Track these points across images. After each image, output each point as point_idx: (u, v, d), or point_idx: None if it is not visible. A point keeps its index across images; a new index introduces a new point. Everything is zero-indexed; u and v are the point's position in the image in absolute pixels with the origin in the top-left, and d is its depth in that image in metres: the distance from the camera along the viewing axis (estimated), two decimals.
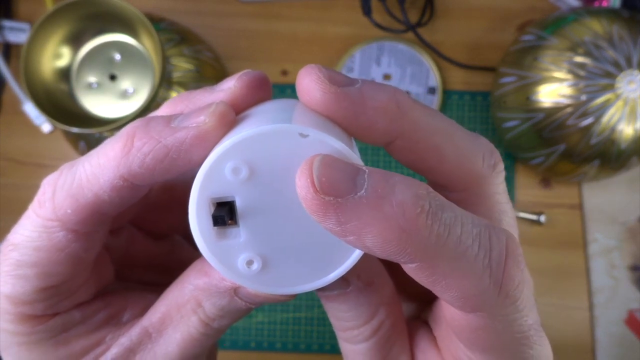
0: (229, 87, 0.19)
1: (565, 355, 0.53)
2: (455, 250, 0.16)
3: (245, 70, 0.20)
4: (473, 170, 0.19)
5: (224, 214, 0.16)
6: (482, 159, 0.19)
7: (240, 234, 0.17)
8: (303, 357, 0.53)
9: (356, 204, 0.15)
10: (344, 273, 0.17)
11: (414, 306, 0.24)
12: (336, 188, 0.15)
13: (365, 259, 0.18)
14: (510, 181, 0.54)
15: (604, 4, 0.52)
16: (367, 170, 0.16)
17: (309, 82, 0.17)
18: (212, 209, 0.16)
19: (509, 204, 0.21)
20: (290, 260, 0.17)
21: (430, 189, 0.16)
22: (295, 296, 0.18)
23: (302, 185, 0.15)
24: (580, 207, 0.54)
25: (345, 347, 0.22)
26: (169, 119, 0.18)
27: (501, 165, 0.20)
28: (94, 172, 0.18)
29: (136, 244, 0.24)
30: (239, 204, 0.16)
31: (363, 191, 0.15)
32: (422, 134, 0.18)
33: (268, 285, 0.17)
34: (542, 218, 0.53)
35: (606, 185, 0.54)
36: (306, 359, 0.53)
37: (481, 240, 0.16)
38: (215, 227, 0.16)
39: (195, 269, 0.20)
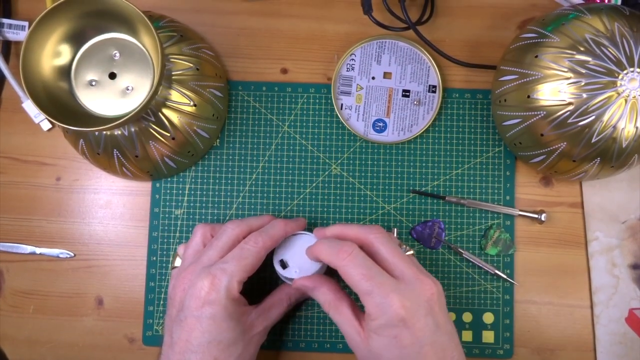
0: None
1: (566, 353, 0.53)
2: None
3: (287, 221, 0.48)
4: None
5: (284, 263, 0.48)
6: None
7: (287, 267, 0.48)
8: (303, 356, 0.53)
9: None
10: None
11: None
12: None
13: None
14: (510, 180, 0.53)
15: (606, 1, 0.52)
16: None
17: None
18: (280, 262, 0.48)
19: None
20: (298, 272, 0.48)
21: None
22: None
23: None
24: (581, 205, 0.54)
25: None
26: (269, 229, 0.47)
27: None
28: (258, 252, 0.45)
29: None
30: (287, 260, 0.48)
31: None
32: None
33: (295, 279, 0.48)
34: (543, 216, 0.53)
35: (607, 183, 0.54)
36: (306, 358, 0.53)
37: None
38: (283, 267, 0.48)
39: (285, 285, 0.50)
